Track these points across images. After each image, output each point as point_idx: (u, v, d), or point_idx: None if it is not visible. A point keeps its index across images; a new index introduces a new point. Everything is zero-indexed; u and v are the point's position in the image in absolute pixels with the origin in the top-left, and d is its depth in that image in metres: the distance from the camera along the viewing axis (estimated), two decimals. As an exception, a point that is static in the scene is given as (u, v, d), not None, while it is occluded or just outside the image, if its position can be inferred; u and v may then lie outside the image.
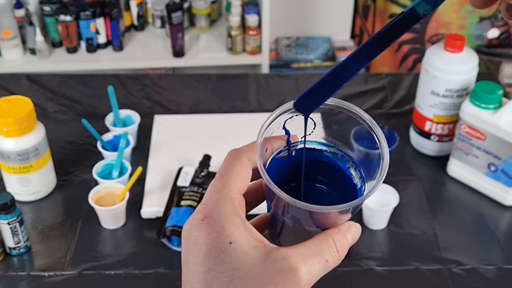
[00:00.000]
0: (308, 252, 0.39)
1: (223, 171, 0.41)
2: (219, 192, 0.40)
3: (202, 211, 0.39)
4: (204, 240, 0.38)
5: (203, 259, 0.38)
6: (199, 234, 0.39)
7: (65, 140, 1.33)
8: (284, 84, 1.54)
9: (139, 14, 2.24)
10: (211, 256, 0.38)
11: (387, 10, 2.28)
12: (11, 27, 2.04)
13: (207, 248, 0.38)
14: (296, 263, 0.38)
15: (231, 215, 0.39)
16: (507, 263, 1.08)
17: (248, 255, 0.38)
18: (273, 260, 0.37)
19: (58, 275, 1.04)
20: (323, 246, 0.40)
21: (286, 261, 0.37)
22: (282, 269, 0.37)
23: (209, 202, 0.40)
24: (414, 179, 1.24)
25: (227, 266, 0.37)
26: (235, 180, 0.41)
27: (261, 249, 0.38)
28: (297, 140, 0.45)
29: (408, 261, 1.07)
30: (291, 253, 0.38)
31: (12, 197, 1.02)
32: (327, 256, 0.40)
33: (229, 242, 0.38)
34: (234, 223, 0.39)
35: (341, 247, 0.41)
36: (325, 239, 0.40)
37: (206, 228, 0.38)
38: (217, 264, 0.37)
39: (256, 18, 2.13)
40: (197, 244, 0.38)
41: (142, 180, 1.19)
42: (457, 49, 1.19)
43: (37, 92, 1.48)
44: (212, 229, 0.38)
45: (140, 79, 1.55)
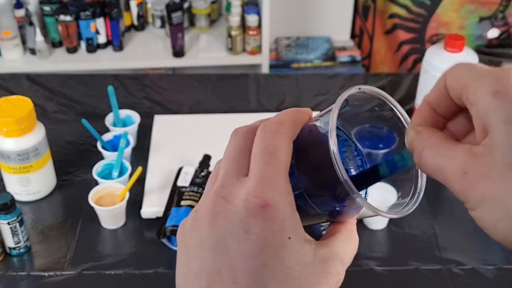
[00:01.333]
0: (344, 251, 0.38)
1: (274, 149, 0.36)
2: (277, 176, 0.35)
3: (263, 196, 0.34)
4: (263, 232, 0.34)
5: (258, 252, 0.34)
6: (255, 222, 0.34)
7: (65, 140, 1.33)
8: (284, 84, 1.54)
9: (139, 14, 2.24)
10: (268, 251, 0.34)
11: (387, 10, 2.28)
12: (11, 27, 2.04)
13: (265, 241, 0.34)
14: (340, 266, 0.37)
15: (290, 206, 0.35)
16: (507, 263, 1.08)
17: (302, 252, 0.35)
18: (321, 260, 0.36)
19: (58, 275, 1.04)
20: (352, 243, 0.39)
21: (334, 264, 0.37)
22: (330, 272, 0.36)
23: (269, 186, 0.35)
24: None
25: (284, 264, 0.34)
26: (287, 163, 0.36)
27: (309, 245, 0.36)
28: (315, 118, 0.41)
29: (408, 261, 1.07)
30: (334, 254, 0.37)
31: (12, 197, 1.02)
32: (354, 252, 0.40)
33: (288, 237, 0.35)
34: (292, 215, 0.35)
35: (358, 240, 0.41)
36: (351, 236, 0.40)
37: (266, 217, 0.34)
38: (275, 261, 0.34)
39: (256, 18, 2.13)
40: (250, 232, 0.34)
41: (142, 180, 1.19)
42: (457, 49, 1.19)
43: (37, 92, 1.48)
44: (274, 221, 0.34)
45: (140, 79, 1.55)
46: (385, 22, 2.32)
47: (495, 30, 2.26)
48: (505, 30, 2.25)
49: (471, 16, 2.22)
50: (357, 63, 2.39)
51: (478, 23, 2.24)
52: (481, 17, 2.23)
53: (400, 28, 2.28)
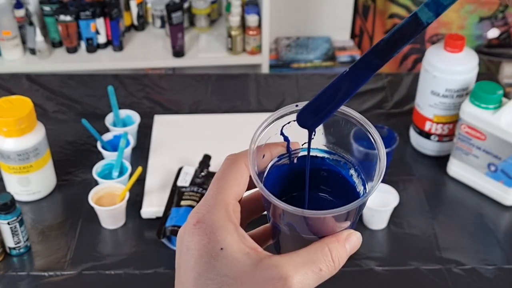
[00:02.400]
0: (301, 260, 0.38)
1: (219, 175, 0.41)
2: (213, 197, 0.40)
3: (196, 216, 0.39)
4: (196, 245, 0.38)
5: (194, 264, 0.38)
6: (191, 239, 0.38)
7: (65, 140, 1.33)
8: (284, 84, 1.54)
9: (139, 14, 2.24)
10: (202, 262, 0.37)
11: (387, 10, 2.28)
12: (11, 27, 2.04)
13: (198, 253, 0.38)
14: (288, 271, 0.37)
15: (224, 220, 0.38)
16: (507, 263, 1.08)
17: (239, 261, 0.37)
18: (264, 267, 0.37)
19: (58, 275, 1.04)
20: (318, 254, 0.38)
21: (278, 269, 0.37)
22: (272, 277, 0.36)
23: (203, 207, 0.39)
24: (414, 179, 1.24)
25: (217, 272, 0.37)
26: (231, 185, 0.40)
27: (253, 256, 0.37)
28: (298, 147, 0.44)
29: (408, 261, 1.07)
30: (283, 261, 0.37)
31: (12, 197, 1.02)
32: (321, 265, 0.38)
33: (220, 248, 0.37)
34: (226, 228, 0.38)
35: (338, 256, 0.39)
36: (321, 247, 0.39)
37: (198, 233, 0.38)
38: (208, 270, 0.37)
39: (256, 18, 2.13)
40: (189, 249, 0.38)
41: (142, 180, 1.19)
42: (457, 49, 1.19)
43: (37, 92, 1.48)
44: (204, 235, 0.38)
45: (140, 79, 1.55)
46: (385, 22, 2.32)
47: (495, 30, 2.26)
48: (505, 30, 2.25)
49: (471, 16, 2.22)
50: (357, 63, 2.39)
51: (478, 23, 2.24)
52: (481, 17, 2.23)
53: (400, 28, 2.27)
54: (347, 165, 0.44)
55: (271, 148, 0.43)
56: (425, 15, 0.35)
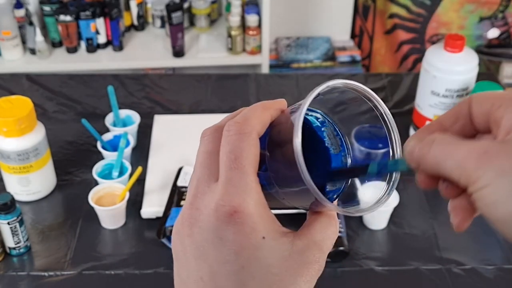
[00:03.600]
0: (322, 239, 0.39)
1: (239, 152, 0.37)
2: (243, 180, 0.36)
3: (230, 203, 0.36)
4: (236, 237, 0.36)
5: (234, 257, 0.36)
6: (226, 229, 0.36)
7: (65, 140, 1.33)
8: (284, 84, 1.54)
9: (139, 14, 2.24)
10: (244, 254, 0.36)
11: (387, 10, 2.28)
12: (11, 27, 2.04)
13: (239, 245, 0.36)
14: (318, 254, 0.38)
15: (260, 207, 0.36)
16: (507, 263, 1.08)
17: (278, 248, 0.37)
18: (299, 251, 0.37)
19: (58, 275, 1.04)
20: (331, 230, 0.40)
21: (312, 253, 0.38)
22: (309, 261, 0.38)
23: (235, 192, 0.36)
24: (414, 179, 1.23)
25: (262, 263, 0.36)
26: (254, 163, 0.37)
27: (285, 239, 0.37)
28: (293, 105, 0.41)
29: (408, 261, 1.07)
30: (311, 243, 0.38)
31: (12, 197, 1.02)
32: (333, 240, 0.40)
33: (262, 237, 0.36)
34: (263, 216, 0.36)
35: (338, 227, 0.42)
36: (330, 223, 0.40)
37: (236, 223, 0.35)
38: (251, 262, 0.36)
39: (256, 18, 2.13)
40: (224, 239, 0.36)
41: (142, 180, 1.19)
42: (457, 49, 1.19)
43: (37, 92, 1.48)
44: (245, 225, 0.36)
45: (140, 79, 1.55)
46: (385, 22, 2.32)
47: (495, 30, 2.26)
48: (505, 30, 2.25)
49: (471, 16, 2.22)
50: (357, 63, 2.39)
51: (478, 23, 2.24)
52: (481, 17, 2.23)
53: (400, 28, 2.28)
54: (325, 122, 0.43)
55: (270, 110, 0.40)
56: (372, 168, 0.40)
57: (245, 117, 0.38)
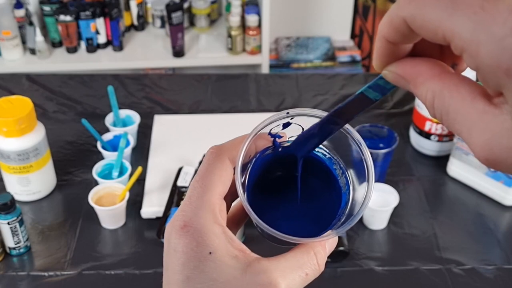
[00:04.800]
0: (289, 266, 0.38)
1: (203, 172, 0.40)
2: (199, 198, 0.39)
3: (182, 218, 0.38)
4: (183, 249, 0.38)
5: (181, 267, 0.38)
6: (178, 242, 0.38)
7: (65, 140, 1.33)
8: (284, 84, 1.54)
9: (139, 14, 2.24)
10: (190, 266, 0.37)
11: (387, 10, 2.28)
12: (11, 27, 2.04)
13: (186, 257, 0.37)
14: (277, 277, 0.37)
15: (211, 223, 0.38)
16: (507, 263, 1.08)
17: (228, 265, 0.37)
18: (253, 272, 0.37)
19: (58, 275, 1.04)
20: (304, 259, 0.39)
21: (267, 275, 0.37)
22: (262, 283, 0.37)
23: (189, 209, 0.39)
24: (414, 179, 1.24)
25: (206, 276, 0.37)
26: (216, 183, 0.39)
27: (241, 259, 0.37)
28: (285, 140, 0.44)
29: (408, 261, 1.07)
30: (272, 267, 0.37)
31: (12, 197, 1.02)
32: (307, 270, 0.39)
33: (209, 252, 0.37)
34: (214, 232, 0.38)
35: (322, 260, 0.40)
36: (307, 252, 0.39)
37: (185, 236, 0.38)
38: (196, 274, 0.37)
39: (256, 18, 2.13)
40: (176, 251, 0.38)
41: (142, 180, 1.19)
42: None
43: (37, 92, 1.48)
44: (192, 238, 0.38)
45: (140, 79, 1.55)
46: (385, 22, 2.32)
47: (495, 30, 2.25)
48: (505, 30, 2.25)
49: (471, 16, 2.22)
50: (357, 63, 2.39)
51: (478, 23, 2.24)
52: (481, 17, 2.22)
53: (400, 28, 2.28)
54: (332, 160, 0.45)
55: (256, 141, 0.42)
56: (372, 94, 0.38)
57: (222, 144, 0.41)
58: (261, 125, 0.42)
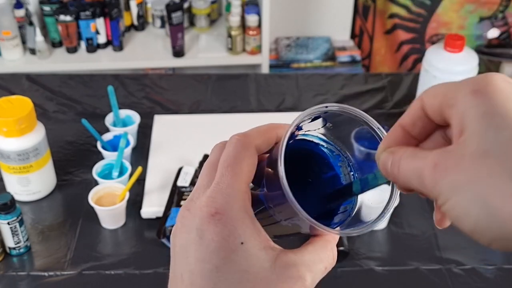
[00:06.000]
0: (312, 259, 0.39)
1: (232, 161, 0.38)
2: (229, 186, 0.38)
3: (213, 205, 0.37)
4: (214, 237, 0.36)
5: (211, 256, 0.36)
6: (207, 229, 0.37)
7: (65, 140, 1.33)
8: (284, 84, 1.54)
9: (139, 14, 2.24)
10: (220, 255, 0.36)
11: (387, 10, 2.28)
12: (11, 27, 2.04)
13: (216, 245, 0.36)
14: (305, 271, 0.38)
15: (243, 213, 0.37)
16: (507, 263, 1.08)
17: (258, 257, 0.37)
18: (282, 265, 0.37)
19: (58, 275, 1.04)
20: (324, 253, 0.40)
21: (296, 269, 0.37)
22: (292, 276, 0.37)
23: (220, 196, 0.37)
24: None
25: (237, 267, 0.36)
26: (246, 172, 0.38)
27: (270, 251, 0.37)
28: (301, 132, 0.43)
29: (408, 261, 1.07)
30: (299, 260, 0.38)
31: (12, 197, 1.02)
32: (326, 264, 0.40)
33: (241, 243, 0.36)
34: (245, 222, 0.37)
35: (336, 254, 0.41)
36: (325, 246, 0.40)
37: (216, 224, 0.36)
38: (226, 264, 0.36)
39: (256, 18, 2.13)
40: (204, 238, 0.37)
41: (142, 180, 1.19)
42: (457, 49, 1.19)
43: (37, 92, 1.48)
44: (224, 227, 0.36)
45: (140, 79, 1.55)
46: (385, 22, 2.32)
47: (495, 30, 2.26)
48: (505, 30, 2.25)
49: (471, 16, 2.22)
50: (357, 63, 2.39)
51: (478, 23, 2.24)
52: (481, 17, 2.23)
53: (400, 28, 2.28)
54: (340, 157, 0.44)
55: (277, 129, 0.41)
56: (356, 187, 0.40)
57: (248, 132, 0.40)
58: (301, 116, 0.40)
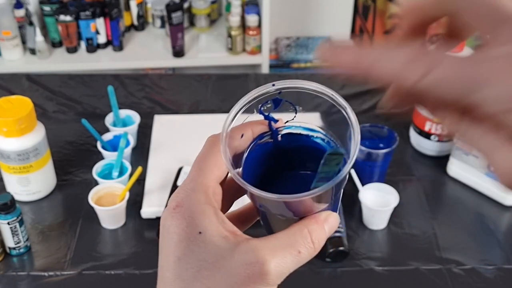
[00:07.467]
0: (279, 244, 0.37)
1: (200, 158, 0.40)
2: (193, 180, 0.39)
3: (175, 199, 0.39)
4: (175, 229, 0.38)
5: (173, 248, 0.38)
6: (171, 223, 0.38)
7: (65, 140, 1.33)
8: (284, 84, 1.54)
9: (139, 14, 2.24)
10: (181, 246, 0.37)
11: (387, 10, 2.28)
12: (11, 27, 2.04)
13: (177, 237, 0.38)
14: (265, 255, 0.36)
15: (203, 204, 0.38)
16: (507, 263, 1.08)
17: (217, 245, 0.37)
18: (241, 251, 0.36)
19: (58, 275, 1.04)
20: (297, 237, 0.38)
21: (255, 253, 0.36)
22: (249, 262, 0.36)
23: (183, 190, 0.39)
24: (414, 179, 1.24)
25: (195, 256, 0.37)
26: (211, 167, 0.39)
27: (231, 240, 0.37)
28: (281, 125, 0.43)
29: (408, 261, 1.07)
30: (261, 245, 0.37)
31: (12, 197, 1.02)
32: (300, 248, 0.37)
33: (199, 232, 0.37)
34: (205, 212, 0.38)
35: (317, 238, 0.38)
36: (300, 229, 0.38)
37: (177, 217, 0.38)
38: (186, 254, 0.37)
39: (256, 18, 2.13)
40: (169, 233, 0.38)
41: (142, 180, 1.19)
42: (457, 49, 1.19)
43: (37, 92, 1.48)
44: (183, 218, 0.38)
45: (140, 79, 1.55)
46: (385, 22, 2.32)
47: (495, 30, 2.25)
48: (505, 30, 2.25)
49: (471, 16, 2.22)
50: (357, 63, 2.39)
51: (478, 23, 2.24)
52: (481, 17, 2.22)
53: (400, 28, 2.27)
54: (331, 143, 0.43)
55: (252, 126, 0.42)
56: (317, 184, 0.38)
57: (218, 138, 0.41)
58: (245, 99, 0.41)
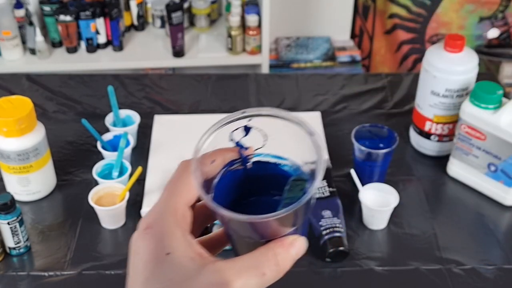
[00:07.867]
0: (245, 265, 0.38)
1: (171, 181, 0.42)
2: (163, 203, 0.41)
3: (145, 221, 0.40)
4: (144, 250, 0.39)
5: (142, 268, 0.39)
6: (140, 244, 0.40)
7: (65, 140, 1.33)
8: (284, 84, 1.54)
9: (139, 14, 2.24)
10: (149, 266, 0.38)
11: (387, 10, 2.28)
12: (11, 27, 2.04)
13: (146, 258, 0.39)
14: (230, 276, 0.37)
15: (172, 226, 0.39)
16: (507, 263, 1.08)
17: (184, 266, 0.38)
18: (207, 272, 0.37)
19: (58, 275, 1.04)
20: (262, 259, 0.39)
21: (220, 274, 0.37)
22: (215, 282, 0.37)
23: (153, 213, 0.41)
24: (414, 179, 1.24)
25: (163, 276, 0.38)
26: (181, 191, 0.41)
27: (198, 261, 0.38)
28: (251, 153, 0.44)
29: (408, 261, 1.07)
30: (227, 266, 0.38)
31: (12, 197, 1.02)
32: (265, 270, 0.38)
33: (167, 253, 0.38)
34: (174, 234, 0.39)
35: (282, 261, 0.39)
36: (265, 252, 0.39)
37: (146, 238, 0.39)
38: (154, 274, 0.38)
39: (256, 18, 2.13)
40: (138, 253, 0.40)
41: (142, 180, 1.19)
42: (457, 49, 1.19)
43: (37, 92, 1.48)
44: (152, 239, 0.39)
45: (140, 79, 1.55)
46: (385, 22, 2.32)
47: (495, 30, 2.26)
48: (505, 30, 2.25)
49: (471, 16, 2.22)
50: (357, 63, 2.39)
51: (478, 23, 2.24)
52: (481, 17, 2.23)
53: (400, 28, 2.28)
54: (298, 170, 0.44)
55: (223, 153, 0.43)
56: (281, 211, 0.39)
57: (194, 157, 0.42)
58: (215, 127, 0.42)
